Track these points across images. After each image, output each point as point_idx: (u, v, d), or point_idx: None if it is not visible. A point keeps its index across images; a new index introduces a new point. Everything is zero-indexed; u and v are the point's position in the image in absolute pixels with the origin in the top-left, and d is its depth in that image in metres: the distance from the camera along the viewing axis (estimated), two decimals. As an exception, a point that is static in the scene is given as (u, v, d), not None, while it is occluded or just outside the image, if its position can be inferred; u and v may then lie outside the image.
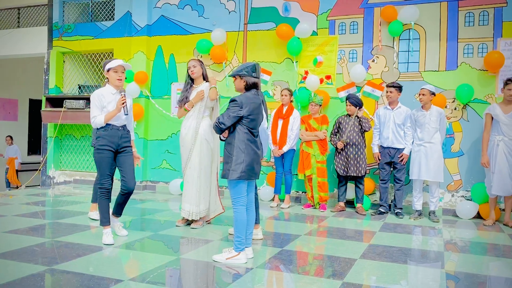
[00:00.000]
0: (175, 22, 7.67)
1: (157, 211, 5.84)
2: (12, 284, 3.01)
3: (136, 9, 7.81)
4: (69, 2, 8.66)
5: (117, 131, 4.12)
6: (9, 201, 6.37)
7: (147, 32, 7.78)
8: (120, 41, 8.02)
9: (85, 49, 8.37)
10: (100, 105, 4.08)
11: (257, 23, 7.12)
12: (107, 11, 8.37)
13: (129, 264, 3.61)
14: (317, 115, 6.16)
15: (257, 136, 3.70)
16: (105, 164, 4.09)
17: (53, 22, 8.61)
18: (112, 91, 4.13)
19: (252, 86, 3.68)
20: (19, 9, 9.35)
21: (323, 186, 6.13)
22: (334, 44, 6.67)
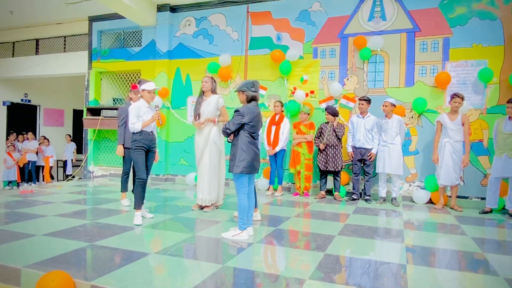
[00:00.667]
0: (191, 48, 7.68)
1: (176, 198, 5.85)
2: (62, 256, 3.03)
3: (160, 37, 7.81)
4: (105, 32, 8.65)
5: (148, 135, 4.27)
6: (57, 191, 6.37)
7: (168, 56, 7.78)
8: (146, 63, 8.01)
9: (118, 70, 8.36)
10: (138, 114, 4.21)
11: (255, 49, 7.14)
12: (136, 39, 8.37)
13: (154, 240, 3.62)
14: (306, 122, 6.18)
15: (256, 139, 3.70)
16: (141, 160, 4.19)
17: (93, 47, 8.60)
18: (145, 105, 4.28)
19: (252, 99, 3.68)
20: (65, 37, 9.34)
21: (308, 178, 6.14)
22: (317, 66, 6.70)
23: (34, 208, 4.84)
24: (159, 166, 7.75)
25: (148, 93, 4.25)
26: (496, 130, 5.17)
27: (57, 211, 4.65)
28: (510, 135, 4.97)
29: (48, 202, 5.28)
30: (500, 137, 5.06)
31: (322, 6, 6.70)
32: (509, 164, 4.97)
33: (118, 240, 3.50)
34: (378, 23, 6.35)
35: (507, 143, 4.98)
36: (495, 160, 5.11)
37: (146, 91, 4.25)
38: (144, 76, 8.02)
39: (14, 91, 10.54)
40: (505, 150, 5.00)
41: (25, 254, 3.04)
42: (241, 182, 3.60)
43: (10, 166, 9.56)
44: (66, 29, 9.12)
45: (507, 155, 4.98)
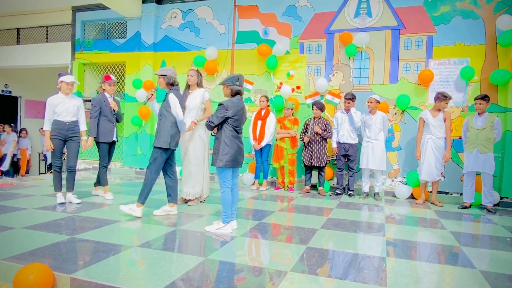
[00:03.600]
0: (177, 41, 7.59)
1: (161, 192, 5.79)
2: (41, 249, 2.97)
3: (145, 29, 7.69)
4: (89, 22, 8.47)
5: (64, 125, 4.57)
6: (38, 184, 6.23)
7: (154, 49, 7.67)
8: (131, 55, 7.89)
9: (102, 61, 8.21)
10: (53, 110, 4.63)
11: (242, 43, 7.10)
12: (120, 30, 8.22)
13: (137, 234, 3.58)
14: (290, 117, 6.19)
15: (240, 133, 3.69)
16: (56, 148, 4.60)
17: (76, 38, 8.41)
18: (62, 97, 4.62)
19: (236, 93, 3.66)
20: (48, 27, 9.10)
21: (293, 173, 6.16)
22: (303, 62, 6.70)
23: (14, 201, 4.73)
24: (145, 160, 7.66)
25: (66, 85, 4.54)
26: (467, 126, 5.30)
27: (37, 204, 4.56)
28: (481, 130, 5.12)
29: (29, 195, 5.17)
30: (472, 132, 5.20)
31: (309, 2, 6.70)
32: (480, 159, 5.12)
33: (100, 233, 3.45)
34: (364, 19, 6.39)
35: (478, 138, 5.13)
36: (467, 155, 5.26)
37: (64, 82, 4.53)
38: (129, 68, 7.89)
39: (-6, 82, 10.26)
40: (476, 145, 5.15)
41: (4, 247, 2.97)
42: (224, 176, 3.60)
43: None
44: (49, 19, 8.89)
45: (478, 150, 5.12)
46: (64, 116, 4.55)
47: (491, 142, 5.11)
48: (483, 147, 5.09)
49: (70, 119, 4.60)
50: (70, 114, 4.59)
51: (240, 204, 4.94)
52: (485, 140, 5.09)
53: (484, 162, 5.08)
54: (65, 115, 4.55)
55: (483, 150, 5.09)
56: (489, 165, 5.06)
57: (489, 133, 5.08)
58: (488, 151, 5.08)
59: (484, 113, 5.16)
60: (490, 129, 5.08)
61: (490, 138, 5.08)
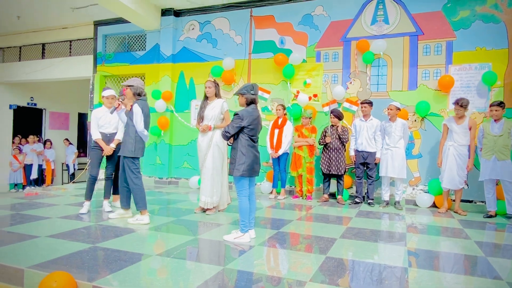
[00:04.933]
0: (194, 52, 7.72)
1: (179, 201, 5.86)
2: (64, 257, 3.04)
3: (163, 41, 7.86)
4: (110, 36, 8.73)
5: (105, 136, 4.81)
6: (62, 193, 6.40)
7: (172, 60, 7.83)
8: (150, 67, 8.07)
9: (122, 73, 8.42)
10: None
11: (259, 53, 7.16)
12: (140, 43, 8.43)
13: (157, 243, 3.62)
14: (308, 126, 6.18)
15: (256, 142, 3.69)
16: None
17: (97, 51, 8.68)
18: (105, 110, 4.83)
19: (251, 102, 3.68)
20: (71, 41, 9.43)
21: (311, 181, 6.13)
22: (320, 70, 6.70)
23: (38, 210, 4.87)
24: (163, 169, 7.77)
25: (106, 99, 4.76)
26: (483, 133, 5.19)
27: (60, 213, 4.68)
28: (499, 137, 5.01)
29: (52, 204, 5.31)
30: (489, 139, 5.09)
31: (325, 10, 6.72)
32: (498, 167, 5.00)
33: (121, 242, 3.51)
34: (381, 26, 6.35)
35: (496, 144, 5.01)
36: (484, 163, 5.13)
37: (104, 97, 4.76)
38: (149, 79, 8.07)
39: (21, 95, 10.64)
40: (494, 152, 5.04)
41: (29, 255, 3.06)
42: (241, 185, 3.61)
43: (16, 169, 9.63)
44: (72, 34, 9.22)
45: (496, 157, 5.00)
46: (105, 128, 4.77)
47: (509, 149, 4.99)
48: (501, 154, 4.98)
49: (111, 131, 4.81)
50: (112, 127, 4.80)
51: (258, 213, 4.93)
52: (502, 147, 4.98)
53: (503, 169, 4.96)
54: (107, 127, 4.78)
55: (501, 157, 4.97)
56: (508, 173, 4.94)
57: (506, 140, 4.98)
58: (506, 158, 4.97)
59: (501, 119, 5.07)
60: (507, 135, 4.99)
61: (507, 144, 4.98)
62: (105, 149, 4.71)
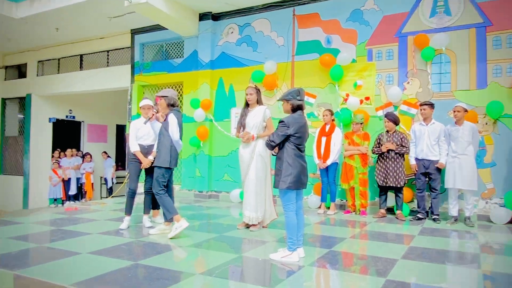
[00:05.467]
0: (234, 57, 7.90)
1: (220, 216, 5.96)
2: (106, 275, 3.21)
3: (202, 47, 8.12)
4: (147, 44, 9.17)
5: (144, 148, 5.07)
6: (101, 208, 6.76)
7: (211, 66, 8.05)
8: (189, 75, 8.34)
9: (160, 82, 8.78)
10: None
11: (303, 55, 7.18)
12: (178, 50, 8.77)
13: (198, 260, 3.72)
14: (359, 132, 6.09)
15: (303, 151, 3.71)
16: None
17: (135, 61, 9.15)
18: (142, 121, 5.01)
19: (297, 108, 3.71)
20: (108, 51, 10.01)
21: (364, 194, 6.00)
22: (372, 70, 6.59)
23: (79, 225, 5.19)
24: (202, 182, 7.96)
25: (142, 109, 4.92)
26: None
27: (101, 229, 4.94)
28: None
29: (92, 219, 5.63)
30: None
31: (376, 4, 6.62)
32: None
33: (162, 259, 3.64)
34: (442, 18, 6.14)
35: None
36: None
37: (141, 108, 4.94)
38: (187, 88, 8.35)
39: (59, 108, 11.42)
40: None
41: (71, 272, 3.26)
42: (288, 198, 3.62)
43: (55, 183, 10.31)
44: (109, 43, 9.79)
45: None
46: (144, 140, 5.01)
47: None
48: None
49: (150, 143, 5.03)
50: (151, 138, 5.02)
51: (307, 230, 4.90)
52: None
53: None
54: (145, 139, 5.01)
55: None
56: None
57: None
58: None
59: None
60: None
61: None
62: (143, 162, 4.94)
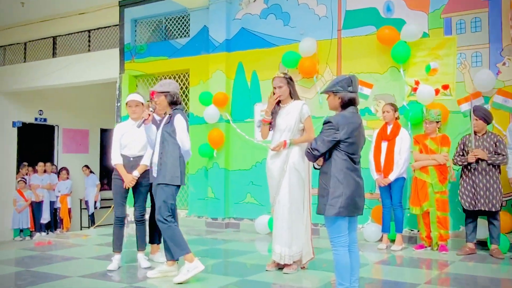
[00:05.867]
0: (257, 34, 7.92)
1: (242, 253, 5.95)
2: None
3: (214, 23, 8.18)
4: (141, 20, 9.33)
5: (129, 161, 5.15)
6: (82, 242, 6.88)
7: (226, 48, 8.10)
8: (197, 60, 8.43)
9: (159, 71, 8.90)
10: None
11: (353, 28, 7.14)
12: (181, 27, 8.89)
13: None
14: (435, 134, 6.00)
15: (358, 162, 3.69)
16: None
17: (125, 43, 9.32)
18: (131, 123, 5.09)
19: (348, 103, 3.69)
20: (90, 32, 10.22)
21: (444, 222, 5.91)
22: (452, 47, 6.49)
23: (54, 266, 5.28)
24: (217, 206, 7.97)
25: (128, 107, 4.98)
26: None
27: (82, 271, 5.01)
28: None
29: (72, 257, 5.73)
30: None
31: (455, -45, 6.54)
32: None
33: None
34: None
35: None
36: None
37: (127, 105, 5.02)
38: (194, 78, 8.44)
39: (26, 108, 11.69)
40: None
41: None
42: (337, 229, 3.60)
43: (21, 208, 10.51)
44: (91, 21, 10.01)
45: None
46: (130, 149, 4.99)
47: None
48: None
49: (138, 153, 5.02)
50: (139, 147, 5.01)
51: (362, 272, 4.82)
52: None
53: None
54: (131, 148, 4.99)
55: None
56: None
57: None
58: None
59: None
60: None
61: None
62: (125, 179, 4.94)
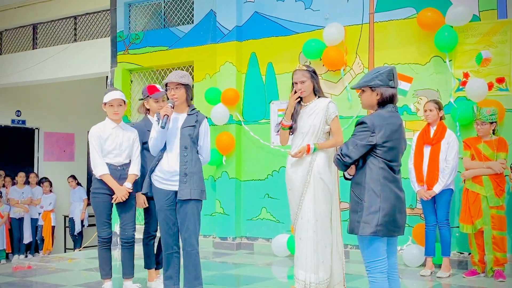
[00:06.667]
0: (273, 19, 7.91)
1: (257, 280, 5.92)
2: None
3: (222, 6, 8.19)
4: (137, 4, 9.35)
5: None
6: (67, 267, 6.87)
7: (237, 36, 8.10)
8: (202, 51, 8.43)
9: (158, 64, 8.93)
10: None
11: (388, 11, 7.11)
12: (184, 12, 8.88)
13: None
14: (488, 138, 5.94)
15: (398, 172, 3.66)
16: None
17: (117, 31, 9.34)
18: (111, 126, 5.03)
19: (388, 100, 3.66)
20: (76, 18, 10.25)
21: (501, 243, 5.85)
22: (507, 32, 6.45)
23: (34, 295, 5.29)
24: (227, 224, 7.94)
25: (110, 106, 4.92)
26: None
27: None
28: None
29: (56, 285, 5.70)
30: None
31: None
32: None
33: None
34: None
35: None
36: None
37: (107, 104, 4.91)
38: (199, 71, 8.42)
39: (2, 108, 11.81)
40: None
41: None
42: (374, 252, 3.58)
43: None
44: (77, 5, 10.06)
45: None
46: (114, 157, 4.92)
47: None
48: None
49: (123, 161, 4.97)
50: (124, 154, 4.96)
51: (403, 304, 4.79)
52: None
53: None
54: (116, 155, 4.92)
55: None
56: None
57: None
58: None
59: None
60: None
61: None
62: (116, 192, 4.91)
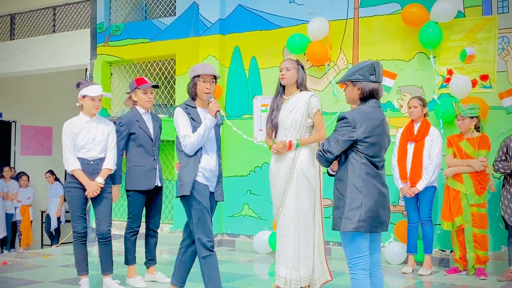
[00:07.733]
0: (257, 13, 7.91)
1: (238, 277, 5.92)
2: None
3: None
4: (117, -5, 9.31)
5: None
6: (44, 263, 6.82)
7: (220, 30, 8.08)
8: (184, 43, 8.42)
9: (139, 57, 8.89)
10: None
11: (373, 6, 7.13)
12: (166, 4, 8.85)
13: None
14: (470, 135, 5.98)
15: (381, 168, 3.67)
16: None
17: (97, 22, 9.27)
18: (85, 121, 5.03)
19: (370, 95, 3.67)
20: (55, 8, 10.16)
21: (482, 241, 5.91)
22: (492, 29, 6.49)
23: (9, 292, 5.24)
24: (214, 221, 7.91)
25: (91, 101, 4.89)
26: None
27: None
28: None
29: (32, 281, 5.66)
30: None
31: None
32: None
33: None
34: None
35: None
36: None
37: (88, 98, 4.88)
38: (181, 65, 8.40)
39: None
40: None
41: None
42: (356, 248, 3.58)
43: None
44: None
45: None
46: (88, 151, 4.93)
47: None
48: None
49: (97, 155, 4.98)
50: (98, 148, 4.97)
51: (385, 301, 4.82)
52: None
53: None
54: (89, 149, 4.93)
55: None
56: None
57: None
58: None
59: None
60: None
61: None
62: (87, 187, 4.92)
